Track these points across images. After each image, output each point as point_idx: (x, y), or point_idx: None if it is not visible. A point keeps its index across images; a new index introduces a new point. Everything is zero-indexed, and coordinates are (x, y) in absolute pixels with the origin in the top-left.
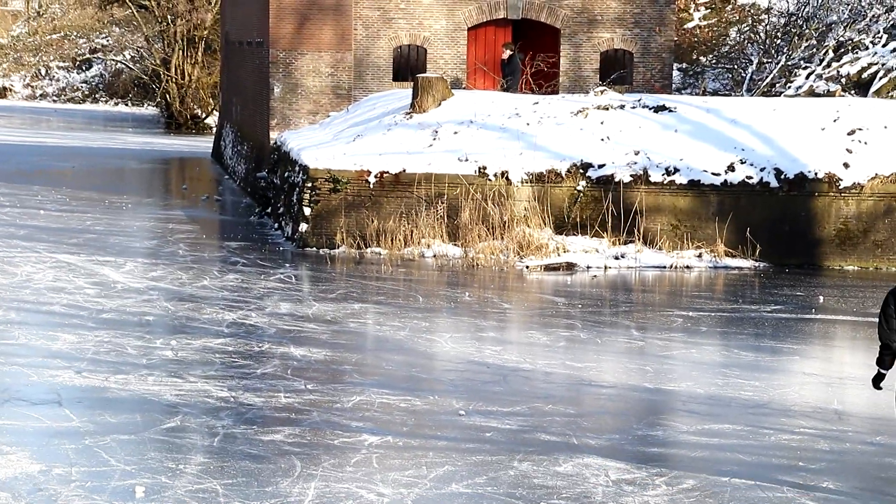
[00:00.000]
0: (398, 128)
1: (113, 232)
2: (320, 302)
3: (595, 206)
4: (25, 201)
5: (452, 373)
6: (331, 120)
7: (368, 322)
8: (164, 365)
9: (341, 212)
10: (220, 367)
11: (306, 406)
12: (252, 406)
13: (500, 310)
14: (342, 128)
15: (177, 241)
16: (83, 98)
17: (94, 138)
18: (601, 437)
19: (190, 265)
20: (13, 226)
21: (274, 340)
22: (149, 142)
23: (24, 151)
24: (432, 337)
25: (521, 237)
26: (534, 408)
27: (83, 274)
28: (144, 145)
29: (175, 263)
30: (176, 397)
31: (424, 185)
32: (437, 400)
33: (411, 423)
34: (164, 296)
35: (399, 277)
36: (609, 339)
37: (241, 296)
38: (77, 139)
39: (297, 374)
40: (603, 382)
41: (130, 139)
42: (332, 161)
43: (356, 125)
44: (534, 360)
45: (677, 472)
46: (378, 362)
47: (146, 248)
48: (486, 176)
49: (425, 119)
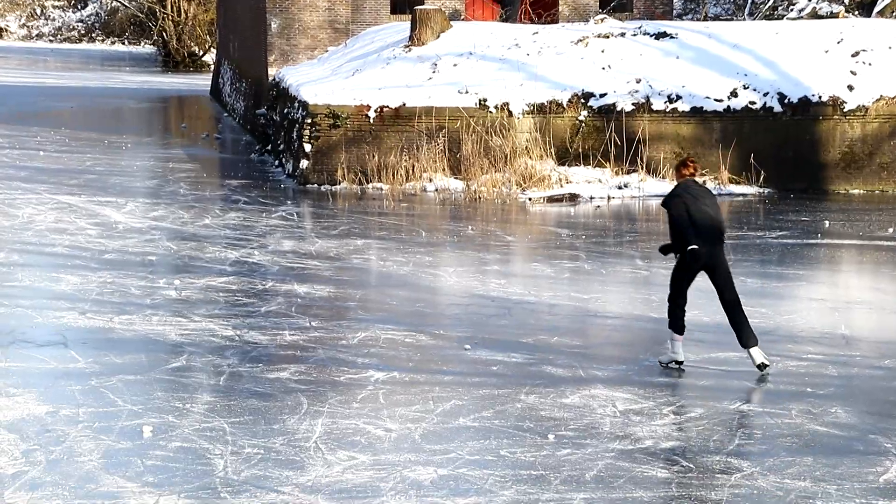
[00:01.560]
0: (397, 61)
1: (113, 172)
2: (323, 238)
3: (597, 135)
4: (25, 143)
5: (457, 307)
6: (329, 55)
7: (371, 258)
8: (168, 305)
9: (342, 147)
10: (224, 305)
11: (311, 343)
12: (257, 344)
13: (503, 243)
14: (341, 62)
15: (177, 181)
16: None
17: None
18: (607, 369)
19: (191, 204)
20: (13, 167)
21: (277, 278)
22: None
23: (22, 92)
24: (436, 271)
25: (523, 169)
26: (539, 340)
27: (84, 215)
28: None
29: (176, 203)
30: (181, 337)
31: (425, 119)
32: (442, 335)
33: (417, 358)
34: (167, 235)
35: (401, 212)
36: (614, 270)
37: (243, 234)
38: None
39: (301, 312)
40: (608, 313)
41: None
42: (332, 96)
43: (355, 60)
44: (538, 293)
45: (685, 402)
46: (382, 298)
47: (147, 188)
48: (487, 108)
49: (424, 52)
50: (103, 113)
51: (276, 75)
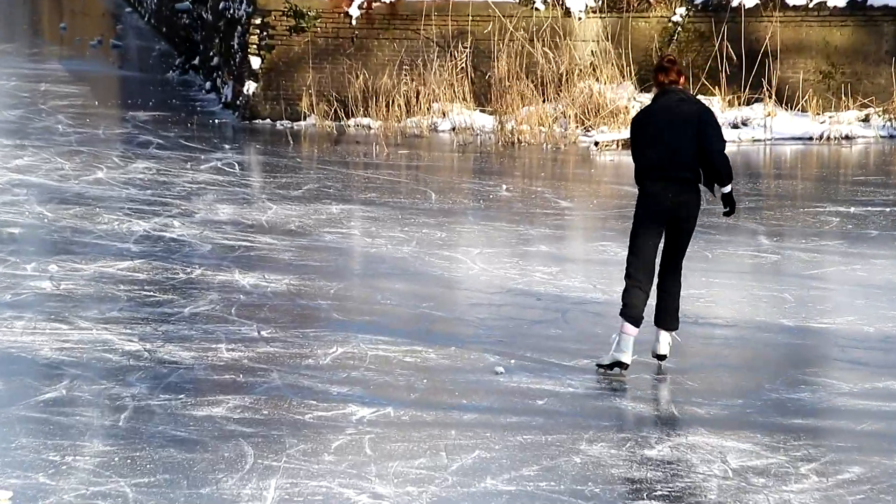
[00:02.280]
0: None
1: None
2: (279, 203)
3: (701, 46)
4: None
5: (484, 308)
6: None
7: (354, 233)
8: (40, 303)
9: (308, 63)
10: (127, 305)
11: (261, 363)
12: (177, 364)
13: (555, 210)
14: None
15: (54, 112)
16: None
17: None
18: (715, 404)
19: (76, 148)
20: None
21: (209, 263)
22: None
23: None
24: (452, 254)
25: (586, 98)
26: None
27: None
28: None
29: (52, 145)
30: (59, 353)
31: (436, 20)
32: (460, 351)
33: (422, 386)
34: (37, 196)
35: (399, 164)
36: (725, 253)
37: (156, 195)
38: None
39: (245, 315)
40: (716, 319)
41: None
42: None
43: None
44: (609, 287)
45: (834, 456)
46: (370, 294)
47: (6, 123)
48: (532, 3)
49: None
50: None
51: None
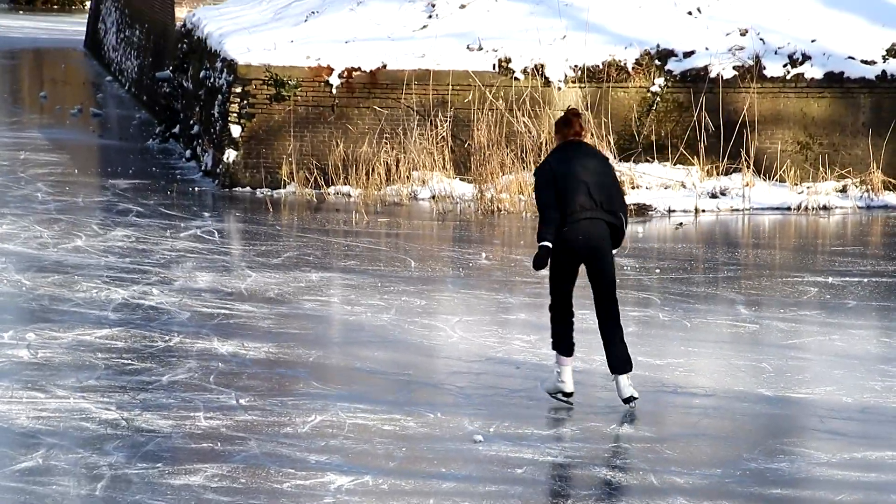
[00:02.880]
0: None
1: None
2: (259, 270)
3: (680, 116)
4: None
5: (463, 376)
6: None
7: (333, 300)
8: (16, 371)
9: (288, 132)
10: (105, 373)
11: (239, 432)
12: (155, 433)
13: (534, 278)
14: (287, 1)
15: (33, 180)
16: None
17: None
18: (693, 473)
19: (54, 216)
20: None
21: (188, 331)
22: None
23: None
24: (431, 321)
25: None
26: (590, 430)
27: None
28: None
29: (31, 214)
30: (35, 421)
31: (416, 89)
32: (440, 419)
33: (401, 454)
34: (15, 264)
35: (379, 231)
36: (704, 322)
37: (135, 262)
38: None
39: (223, 383)
40: (695, 388)
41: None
42: (273, 53)
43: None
44: (588, 356)
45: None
46: (349, 362)
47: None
48: (512, 73)
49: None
50: None
51: (189, 19)
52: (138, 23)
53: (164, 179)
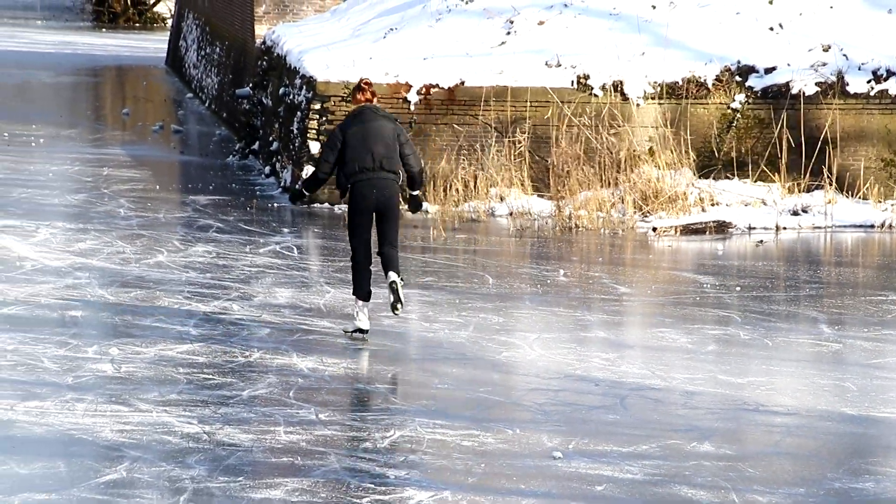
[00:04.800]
0: (452, 16)
1: (17, 182)
2: (337, 287)
3: (761, 132)
4: None
5: (542, 393)
6: (349, 6)
7: (411, 317)
8: (101, 385)
9: None
10: (187, 387)
11: (319, 446)
12: (236, 447)
13: (613, 296)
14: (366, 17)
15: (116, 196)
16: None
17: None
18: (776, 492)
19: (137, 232)
20: None
21: (268, 346)
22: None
23: None
24: (510, 339)
25: (644, 183)
26: (669, 447)
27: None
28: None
29: (114, 229)
30: (119, 434)
31: (494, 106)
32: (518, 435)
33: (480, 470)
34: (99, 279)
35: (457, 248)
36: (786, 341)
37: (216, 278)
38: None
39: (303, 398)
40: (777, 407)
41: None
42: (352, 69)
43: (387, 14)
44: (667, 374)
45: None
46: (427, 378)
47: (69, 207)
48: (590, 89)
49: (494, 2)
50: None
51: (268, 36)
52: (219, 40)
53: (243, 196)
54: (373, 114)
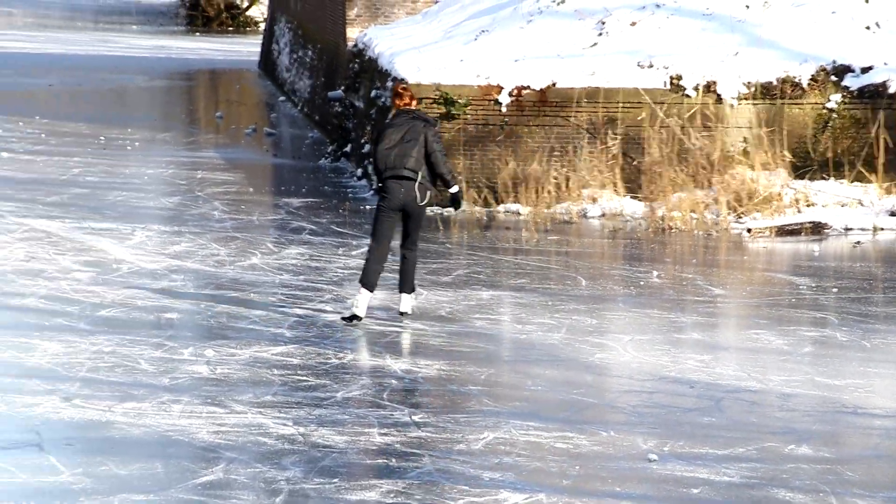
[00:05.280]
0: (544, 17)
1: (113, 185)
2: (430, 289)
3: (857, 132)
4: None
5: (636, 395)
6: (440, 8)
7: (504, 319)
8: (197, 387)
9: (458, 150)
10: (281, 389)
11: (413, 448)
12: (330, 448)
13: (707, 297)
14: (458, 19)
15: (210, 199)
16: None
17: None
18: (876, 496)
19: (231, 234)
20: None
21: (361, 348)
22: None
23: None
24: (603, 340)
25: (738, 184)
26: (766, 450)
27: (70, 249)
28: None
29: (208, 232)
30: (215, 436)
31: (586, 107)
32: (613, 437)
33: (574, 472)
34: (194, 282)
35: (549, 249)
36: (884, 342)
37: (309, 280)
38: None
39: (397, 400)
40: (876, 409)
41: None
42: (443, 72)
43: (478, 16)
44: (764, 376)
45: None
46: (520, 380)
47: (164, 210)
48: (683, 90)
49: (586, 3)
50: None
51: (360, 39)
52: (311, 43)
53: (336, 198)
54: (407, 117)
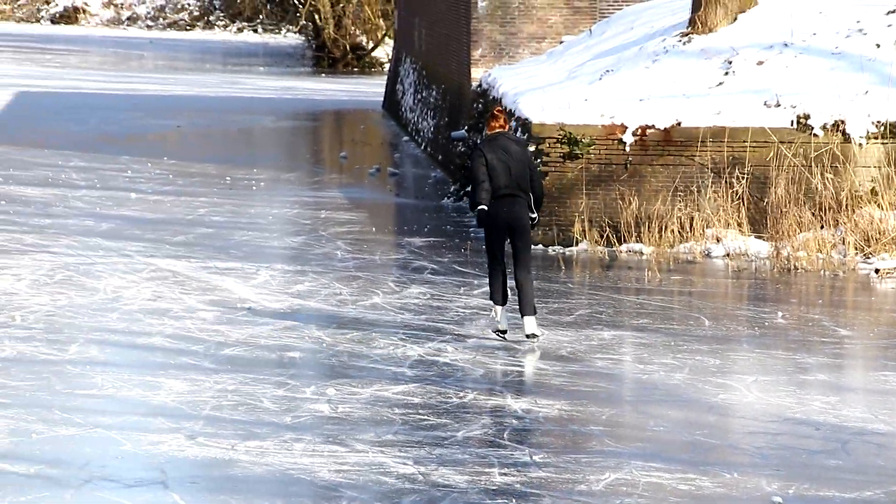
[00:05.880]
0: (669, 57)
1: (238, 225)
2: (551, 328)
3: None
4: (109, 180)
5: (760, 437)
6: (564, 48)
7: (625, 359)
8: (318, 425)
9: (581, 189)
10: (402, 428)
11: (534, 488)
12: (451, 488)
13: (834, 338)
14: (582, 59)
15: (333, 238)
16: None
17: (208, 83)
18: None
19: (353, 274)
20: (92, 216)
21: (482, 387)
22: (289, 87)
23: (107, 104)
24: (726, 381)
25: (866, 224)
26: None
27: (195, 289)
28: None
29: (331, 271)
30: (336, 474)
31: (711, 147)
32: (736, 479)
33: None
34: (317, 321)
35: (672, 289)
36: None
37: (430, 319)
38: (183, 85)
39: (517, 439)
40: None
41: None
42: (568, 111)
43: (603, 56)
44: (892, 418)
45: None
46: (642, 421)
47: (288, 250)
48: (810, 129)
49: (712, 43)
50: (224, 136)
51: (484, 79)
52: (435, 83)
53: (458, 237)
54: (507, 139)
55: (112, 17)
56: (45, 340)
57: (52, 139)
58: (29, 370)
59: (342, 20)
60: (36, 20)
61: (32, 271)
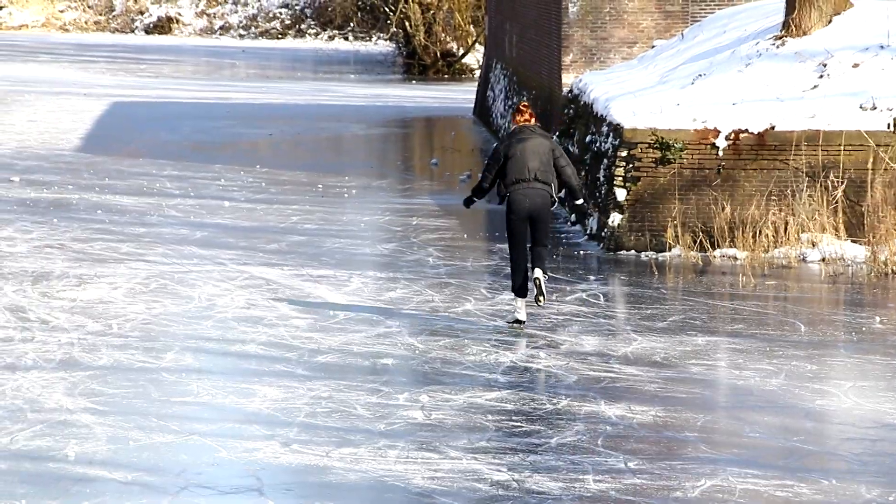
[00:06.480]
0: (762, 60)
1: (330, 232)
2: (644, 334)
3: None
4: (203, 188)
5: (858, 443)
6: (656, 53)
7: (720, 365)
8: (412, 432)
9: (674, 194)
10: (495, 434)
11: (628, 495)
12: (545, 495)
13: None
14: (674, 64)
15: (425, 245)
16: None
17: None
18: None
19: (445, 281)
20: (186, 225)
21: (575, 394)
22: (379, 94)
23: (200, 113)
24: (823, 386)
25: None
26: None
27: (288, 297)
28: (373, 99)
29: (423, 278)
30: (430, 481)
31: (805, 150)
32: (834, 486)
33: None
34: (409, 328)
35: (767, 294)
36: None
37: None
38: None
39: (611, 446)
40: None
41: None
42: (659, 116)
43: (695, 60)
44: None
45: None
46: (738, 427)
47: (380, 256)
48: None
49: (806, 45)
50: (317, 144)
51: (575, 84)
52: (526, 89)
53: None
54: (530, 132)
55: (205, 27)
56: (140, 348)
57: (146, 148)
58: (125, 378)
59: (432, 27)
60: (130, 31)
61: (128, 280)
